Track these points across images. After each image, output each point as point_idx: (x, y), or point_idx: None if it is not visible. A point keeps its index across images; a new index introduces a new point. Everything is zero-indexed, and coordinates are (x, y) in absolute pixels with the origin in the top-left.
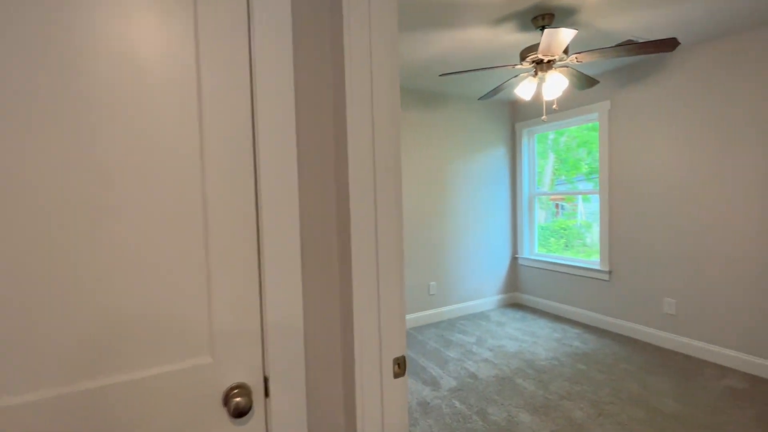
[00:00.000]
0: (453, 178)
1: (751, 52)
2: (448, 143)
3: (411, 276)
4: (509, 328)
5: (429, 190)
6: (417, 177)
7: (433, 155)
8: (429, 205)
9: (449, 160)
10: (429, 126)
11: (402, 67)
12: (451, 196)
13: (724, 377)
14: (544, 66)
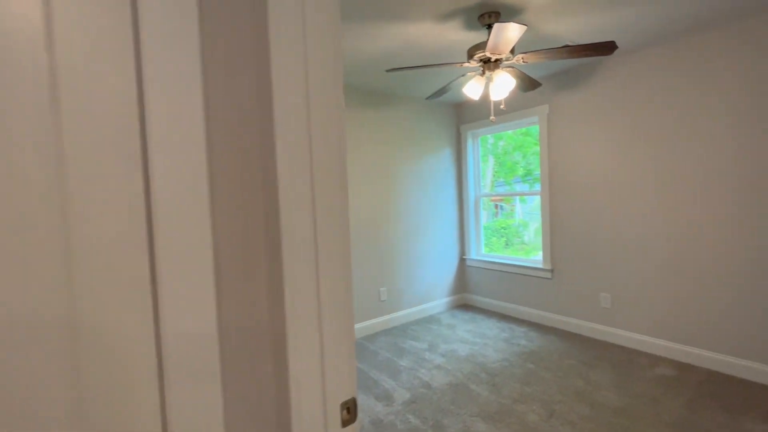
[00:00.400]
0: (402, 180)
1: (683, 58)
2: (397, 144)
3: (362, 283)
4: (460, 330)
5: (378, 193)
6: (366, 179)
7: (382, 156)
8: (378, 209)
9: (398, 161)
10: (378, 126)
11: (348, 61)
12: (401, 199)
13: (656, 366)
14: (492, 65)
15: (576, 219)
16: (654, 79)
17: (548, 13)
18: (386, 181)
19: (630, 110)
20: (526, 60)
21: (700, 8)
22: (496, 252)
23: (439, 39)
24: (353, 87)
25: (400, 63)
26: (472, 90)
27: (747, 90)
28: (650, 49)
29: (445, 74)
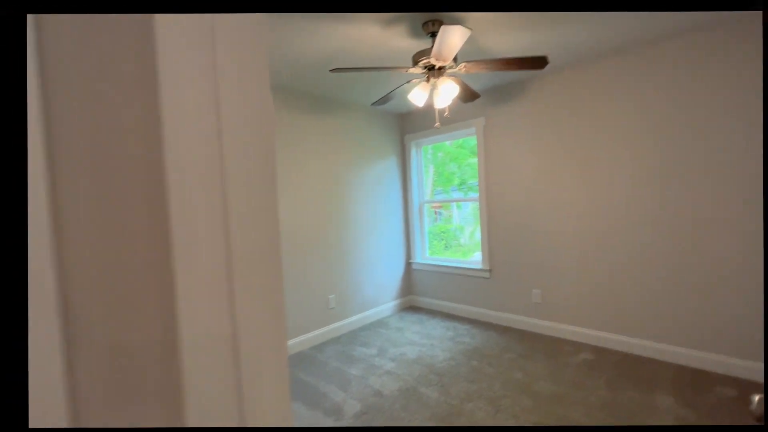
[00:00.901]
0: (349, 186)
1: (607, 77)
2: (344, 151)
3: (310, 291)
4: (408, 332)
5: (326, 200)
6: (313, 186)
7: (329, 163)
8: (326, 216)
9: (345, 168)
10: (325, 132)
11: (289, 62)
12: (348, 205)
13: (579, 352)
14: (436, 72)
15: (511, 222)
16: (579, 95)
17: (487, 27)
18: (334, 187)
19: (557, 123)
20: (468, 69)
21: (626, 30)
22: (438, 255)
23: (384, 45)
24: (298, 92)
25: (344, 66)
26: (417, 97)
27: (667, 106)
28: (576, 68)
29: (390, 81)
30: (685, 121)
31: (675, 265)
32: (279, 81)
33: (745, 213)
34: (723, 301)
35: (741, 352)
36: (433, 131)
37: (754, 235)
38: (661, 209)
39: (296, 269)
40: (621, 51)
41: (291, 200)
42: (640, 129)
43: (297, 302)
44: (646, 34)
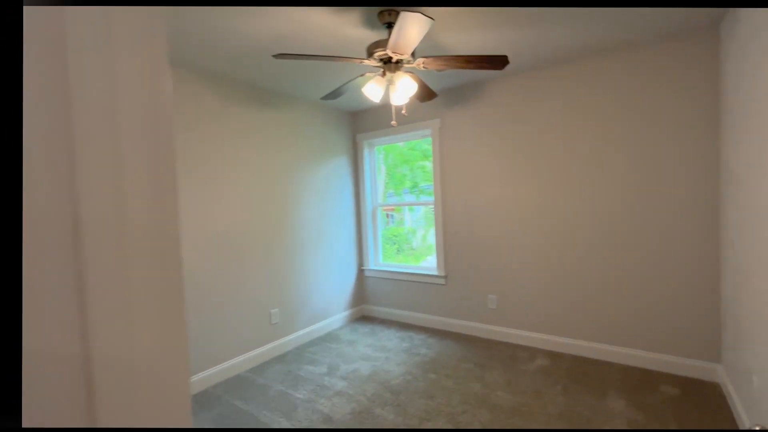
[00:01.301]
0: (296, 187)
1: (558, 83)
2: (290, 149)
3: (249, 305)
4: (361, 346)
5: (269, 202)
6: (254, 186)
7: (273, 162)
8: (269, 219)
9: (291, 168)
10: (268, 128)
11: (227, 48)
12: (295, 208)
13: (535, 358)
14: (393, 66)
15: (466, 227)
16: (535, 100)
17: (447, 24)
18: (278, 188)
19: (513, 127)
20: (426, 65)
21: (586, 37)
22: (391, 260)
23: (335, 33)
24: (237, 81)
25: None
26: (372, 91)
27: (621, 113)
28: (533, 72)
29: (341, 73)
30: (638, 127)
31: (623, 268)
32: (214, 68)
33: (693, 217)
34: (666, 304)
35: (682, 350)
36: (386, 130)
37: (700, 238)
38: (610, 214)
39: (233, 280)
40: (579, 57)
41: (228, 201)
42: (594, 134)
43: (233, 318)
44: (605, 42)
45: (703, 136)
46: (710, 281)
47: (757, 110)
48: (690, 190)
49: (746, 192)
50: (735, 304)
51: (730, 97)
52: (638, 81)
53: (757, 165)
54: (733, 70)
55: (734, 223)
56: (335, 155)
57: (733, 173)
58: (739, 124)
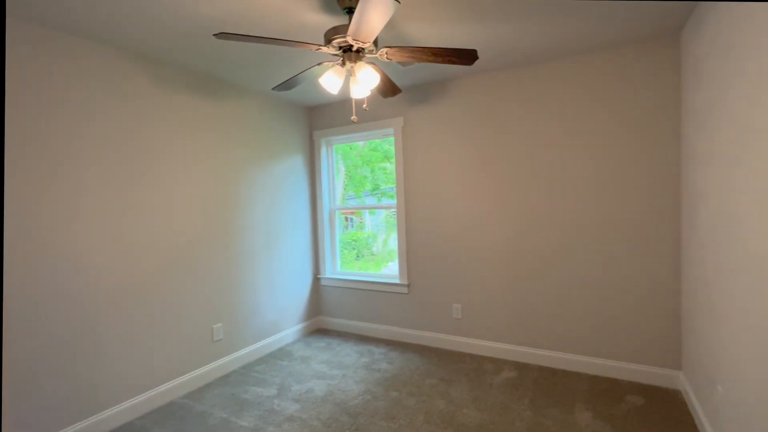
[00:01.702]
0: (244, 188)
1: (525, 83)
2: (237, 145)
3: (187, 321)
4: (316, 362)
5: (213, 206)
6: (195, 186)
7: (218, 159)
8: (213, 225)
9: (239, 165)
10: (213, 121)
11: (162, 27)
12: (243, 212)
13: (501, 370)
14: (353, 56)
15: (430, 232)
16: (503, 100)
17: (412, 14)
18: (224, 189)
19: (479, 128)
20: (390, 56)
21: (555, 38)
22: (350, 266)
23: (289, 15)
24: (178, 64)
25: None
26: (329, 82)
27: (589, 116)
28: (500, 72)
29: (297, 62)
30: (604, 132)
31: (588, 276)
32: (150, 48)
33: (659, 224)
34: (630, 312)
35: (645, 359)
36: (346, 128)
37: (663, 246)
38: (575, 221)
39: (167, 293)
40: (546, 59)
41: (163, 202)
42: (559, 138)
43: (167, 337)
44: (572, 44)
45: (668, 145)
46: (672, 289)
47: (717, 119)
48: (653, 199)
49: (705, 202)
50: (695, 312)
51: (690, 103)
52: (604, 85)
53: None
54: (693, 76)
55: (695, 232)
56: (289, 153)
57: (695, 186)
58: (700, 133)
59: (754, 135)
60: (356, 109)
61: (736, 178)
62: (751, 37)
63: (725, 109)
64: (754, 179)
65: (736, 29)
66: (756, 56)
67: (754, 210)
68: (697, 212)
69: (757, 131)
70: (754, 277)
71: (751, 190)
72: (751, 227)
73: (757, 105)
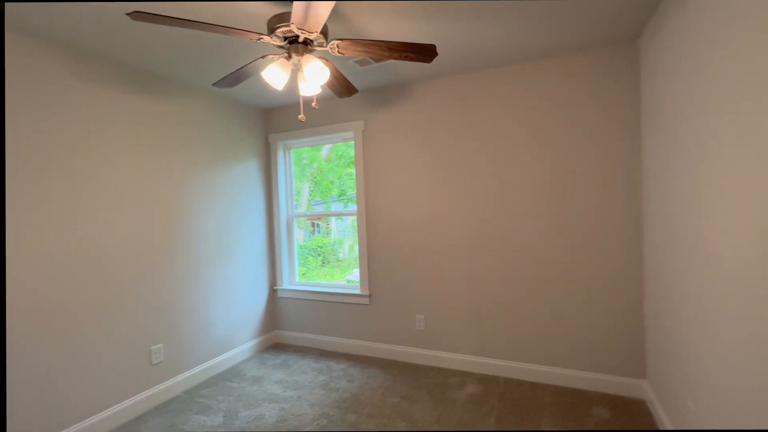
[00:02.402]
0: (193, 196)
1: (489, 86)
2: (186, 149)
3: (120, 344)
4: (269, 383)
5: (156, 214)
6: (137, 194)
7: (162, 164)
8: (156, 234)
9: (188, 172)
10: (153, 122)
11: (85, 10)
12: (191, 221)
13: (465, 384)
14: (300, 47)
15: (392, 240)
16: (465, 103)
17: (367, 7)
18: (168, 196)
19: (439, 133)
20: (342, 50)
21: (520, 40)
22: (313, 276)
23: (236, 7)
24: (110, 59)
25: (166, 30)
26: (273, 76)
27: (555, 119)
28: (463, 75)
29: (242, 57)
30: (566, 139)
31: (552, 285)
32: (75, 39)
33: (620, 232)
34: (593, 321)
35: (609, 368)
36: (304, 131)
37: (627, 254)
38: (538, 228)
39: (97, 311)
40: (508, 61)
41: (97, 211)
42: (522, 143)
43: (93, 362)
44: (534, 46)
45: (628, 150)
46: (635, 298)
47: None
48: (614, 206)
49: (665, 209)
50: (659, 321)
51: (648, 108)
52: (565, 89)
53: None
54: (651, 81)
55: (655, 238)
56: (244, 157)
57: (654, 192)
58: (660, 137)
59: (714, 139)
60: (307, 108)
61: (696, 184)
62: (711, 38)
63: (683, 114)
64: (714, 184)
65: (694, 33)
66: (716, 59)
67: (715, 214)
68: (658, 219)
69: (715, 135)
70: (724, 285)
71: (711, 195)
72: (713, 231)
73: (716, 109)
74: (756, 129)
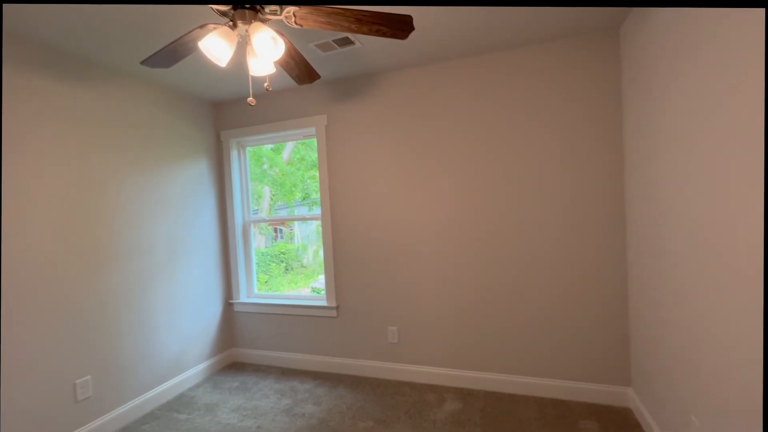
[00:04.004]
0: (131, 200)
1: (462, 77)
2: (123, 148)
3: (29, 381)
4: (224, 410)
5: (86, 222)
6: (61, 198)
7: (94, 164)
8: (85, 246)
9: (125, 173)
10: (82, 115)
11: None
12: (129, 229)
13: (444, 401)
14: (247, 14)
15: (360, 246)
16: (440, 95)
17: None
18: (101, 201)
19: (409, 128)
20: (300, 21)
21: (495, 30)
22: (276, 284)
23: None
24: (27, 38)
25: None
26: (214, 47)
27: (517, 115)
28: (434, 65)
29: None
30: (548, 132)
31: (531, 291)
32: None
33: (603, 239)
34: (575, 328)
35: (593, 376)
36: (260, 127)
37: (609, 256)
38: (518, 232)
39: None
40: (485, 51)
41: (10, 218)
42: (505, 138)
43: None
44: (520, 34)
45: (610, 149)
46: (619, 303)
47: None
48: (596, 208)
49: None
50: (648, 330)
51: (630, 101)
52: (552, 77)
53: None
54: (633, 72)
55: (638, 243)
56: (192, 157)
57: (636, 193)
58: (644, 132)
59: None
60: (265, 101)
61: (680, 182)
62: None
63: (668, 106)
64: (699, 182)
65: (681, 22)
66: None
67: (700, 214)
68: (641, 218)
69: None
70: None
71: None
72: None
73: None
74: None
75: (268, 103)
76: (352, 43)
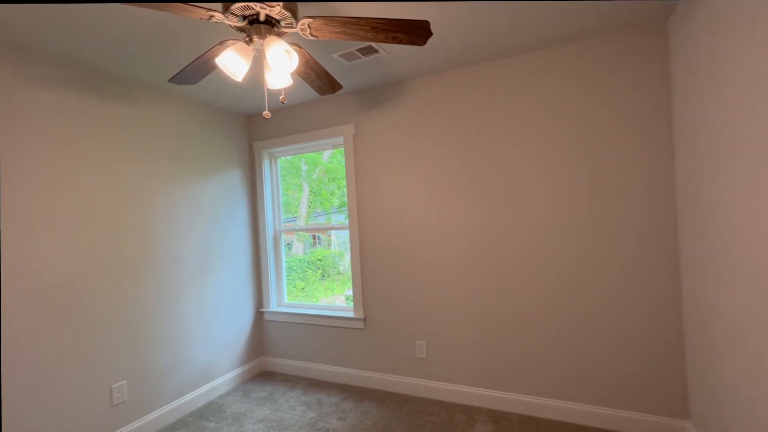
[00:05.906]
0: (166, 212)
1: (493, 82)
2: (159, 161)
3: (67, 385)
4: (251, 421)
5: (125, 231)
6: (98, 211)
7: (132, 175)
8: (121, 256)
9: (160, 186)
10: (117, 131)
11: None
12: (163, 240)
13: (474, 423)
14: (262, 29)
15: (389, 257)
16: (468, 101)
17: None
18: (138, 214)
19: (440, 136)
20: (315, 32)
21: (526, 28)
22: (312, 290)
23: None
24: (52, 58)
25: (105, 16)
26: (230, 62)
27: (553, 118)
28: (462, 70)
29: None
30: (593, 141)
31: (574, 307)
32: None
33: (652, 248)
34: (624, 350)
35: (644, 405)
36: (290, 138)
37: (662, 283)
38: (566, 245)
39: (36, 348)
40: (513, 53)
41: (50, 231)
42: (543, 143)
43: (37, 410)
44: (556, 32)
45: (660, 165)
46: (673, 323)
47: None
48: (647, 216)
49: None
50: (708, 353)
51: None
52: (588, 76)
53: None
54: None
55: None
56: (225, 168)
57: (693, 202)
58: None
59: None
60: (294, 113)
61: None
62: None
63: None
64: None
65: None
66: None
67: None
68: (695, 234)
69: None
70: None
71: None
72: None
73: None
74: None
75: (298, 114)
76: (376, 51)
